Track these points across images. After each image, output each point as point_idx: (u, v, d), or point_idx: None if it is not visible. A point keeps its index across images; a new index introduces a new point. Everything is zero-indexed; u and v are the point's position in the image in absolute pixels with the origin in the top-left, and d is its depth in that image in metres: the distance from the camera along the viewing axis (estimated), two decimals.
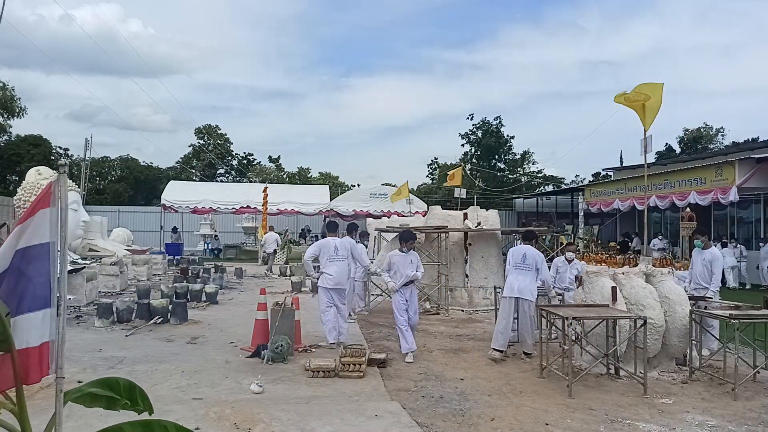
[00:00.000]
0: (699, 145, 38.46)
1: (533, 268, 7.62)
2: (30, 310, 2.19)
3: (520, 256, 7.70)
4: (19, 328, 2.17)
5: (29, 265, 2.20)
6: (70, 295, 10.37)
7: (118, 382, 2.34)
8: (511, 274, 7.76)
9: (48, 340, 2.23)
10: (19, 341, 2.15)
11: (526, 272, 7.62)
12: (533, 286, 7.60)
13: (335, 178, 45.37)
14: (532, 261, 7.63)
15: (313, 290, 13.76)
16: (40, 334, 2.21)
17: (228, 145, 47.07)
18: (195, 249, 27.90)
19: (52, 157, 34.23)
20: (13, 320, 2.15)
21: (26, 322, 2.18)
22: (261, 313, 7.71)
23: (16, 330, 2.15)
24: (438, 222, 12.21)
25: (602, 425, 5.00)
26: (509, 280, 7.76)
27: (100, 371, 6.31)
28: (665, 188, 20.21)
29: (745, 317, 6.38)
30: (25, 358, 2.17)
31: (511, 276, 7.73)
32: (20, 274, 2.19)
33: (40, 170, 13.79)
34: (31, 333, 2.19)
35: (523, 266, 7.63)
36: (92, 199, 34.28)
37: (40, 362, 2.20)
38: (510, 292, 7.60)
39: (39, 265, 2.22)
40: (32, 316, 2.20)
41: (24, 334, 2.17)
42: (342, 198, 29.07)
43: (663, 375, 6.73)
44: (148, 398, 2.36)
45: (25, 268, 2.20)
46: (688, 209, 14.18)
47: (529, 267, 7.62)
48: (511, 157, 43.35)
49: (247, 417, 4.95)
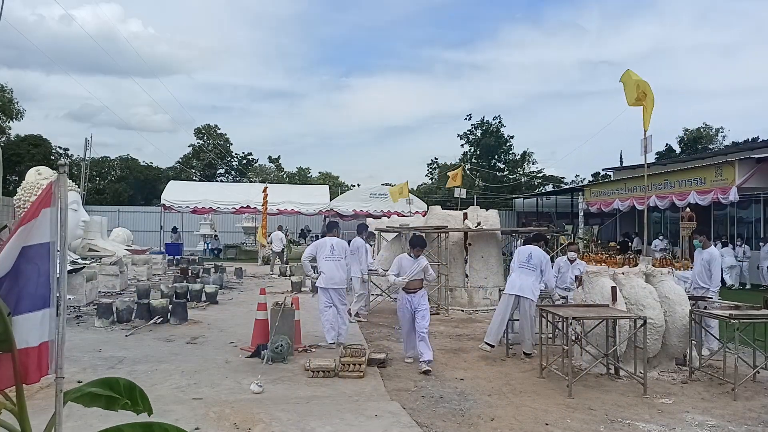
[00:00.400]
0: (699, 146, 38.47)
1: (537, 268, 7.65)
2: (30, 310, 2.19)
3: (525, 256, 7.76)
4: (19, 327, 2.17)
5: (29, 265, 2.20)
6: (70, 295, 10.37)
7: (119, 381, 2.34)
8: (514, 272, 7.81)
9: (47, 340, 2.23)
10: (19, 341, 2.15)
11: (530, 272, 7.65)
12: (535, 286, 7.61)
13: (335, 178, 45.39)
14: (537, 262, 7.67)
15: (312, 290, 13.77)
16: (39, 334, 2.21)
17: (228, 145, 47.08)
18: (195, 249, 27.89)
19: (52, 157, 34.25)
20: (12, 320, 2.15)
21: (26, 322, 2.18)
22: (261, 313, 7.70)
23: (16, 330, 2.15)
24: (438, 222, 12.21)
25: (602, 425, 5.00)
26: (512, 277, 7.81)
27: (100, 371, 6.31)
28: (665, 188, 20.21)
29: (745, 317, 6.38)
30: (25, 358, 2.17)
31: (515, 274, 7.77)
32: (20, 274, 2.19)
33: (40, 170, 13.79)
34: (30, 333, 2.19)
35: (528, 266, 7.68)
36: (92, 199, 34.29)
37: (39, 362, 2.20)
38: (511, 289, 7.64)
39: (39, 264, 2.22)
40: (32, 316, 2.20)
41: (23, 334, 2.17)
42: (342, 198, 29.07)
43: (663, 375, 6.73)
44: (147, 398, 2.36)
45: (25, 267, 2.20)
46: (688, 209, 14.18)
47: (533, 267, 7.66)
48: (511, 157, 43.39)
49: (247, 417, 4.95)
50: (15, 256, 2.19)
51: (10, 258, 2.18)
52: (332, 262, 7.97)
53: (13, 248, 2.19)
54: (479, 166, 40.48)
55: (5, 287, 2.16)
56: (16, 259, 2.18)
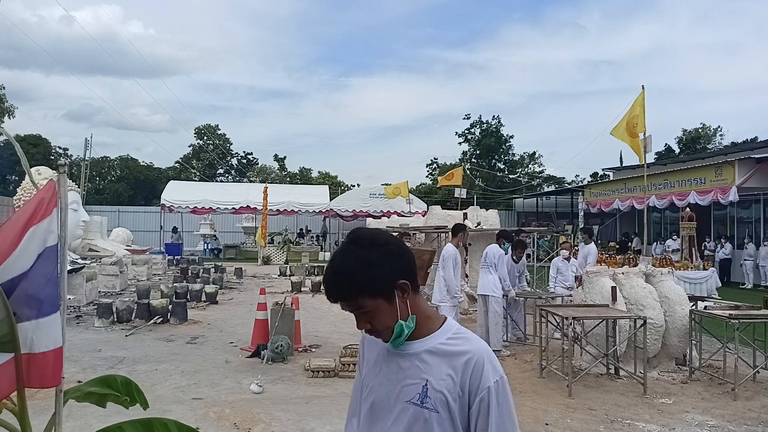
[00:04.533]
0: (698, 146, 38.49)
1: (492, 265, 7.99)
2: (50, 313, 2.16)
3: (483, 255, 8.28)
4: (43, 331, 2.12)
5: (48, 266, 2.16)
6: (70, 295, 10.37)
7: (116, 379, 2.37)
8: (479, 273, 8.33)
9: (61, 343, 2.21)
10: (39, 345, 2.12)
11: (487, 270, 8.06)
12: (495, 283, 7.91)
13: (335, 178, 45.38)
14: (491, 259, 8.07)
15: (312, 290, 13.77)
16: (56, 337, 2.19)
17: (228, 145, 47.09)
18: (195, 249, 27.90)
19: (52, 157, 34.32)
20: (35, 323, 2.11)
21: (49, 325, 2.15)
22: (261, 313, 7.70)
23: (38, 333, 2.11)
24: (438, 222, 12.22)
25: (602, 425, 5.00)
26: (479, 279, 8.30)
27: (100, 371, 6.31)
28: (665, 188, 20.22)
29: (745, 317, 6.38)
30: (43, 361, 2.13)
31: (479, 275, 8.30)
32: (41, 275, 2.14)
33: (40, 170, 13.78)
34: (49, 336, 2.16)
35: (484, 264, 8.14)
36: (92, 199, 34.32)
37: (55, 366, 2.18)
38: (478, 290, 8.19)
39: (54, 265, 2.19)
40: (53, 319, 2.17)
41: (43, 338, 2.13)
42: (342, 198, 29.07)
43: (663, 375, 6.73)
44: (142, 393, 2.40)
45: (44, 268, 2.15)
46: (688, 209, 14.18)
47: (488, 265, 8.04)
48: (510, 157, 43.42)
49: (246, 417, 4.95)
50: (34, 257, 2.13)
51: (27, 258, 2.11)
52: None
53: (32, 248, 2.14)
54: (479, 166, 40.50)
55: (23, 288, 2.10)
56: (36, 261, 2.13)
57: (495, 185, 37.49)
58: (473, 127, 42.85)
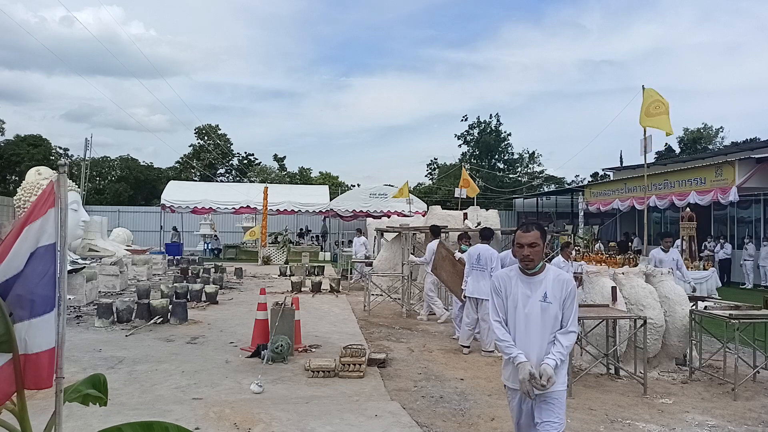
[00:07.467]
0: (699, 146, 38.48)
1: (487, 267, 7.78)
2: (43, 313, 2.16)
3: (475, 257, 7.96)
4: (36, 331, 2.13)
5: (41, 265, 2.16)
6: (70, 295, 10.38)
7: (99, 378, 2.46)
8: (470, 276, 7.97)
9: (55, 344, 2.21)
10: (32, 345, 2.12)
11: (481, 272, 7.82)
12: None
13: (335, 178, 45.38)
14: (485, 261, 7.84)
15: (312, 290, 13.77)
16: (50, 337, 2.19)
17: (228, 145, 47.08)
18: (195, 249, 27.90)
19: (52, 157, 34.31)
20: (28, 323, 2.12)
21: (42, 325, 2.15)
22: (261, 313, 7.70)
23: (31, 333, 2.12)
24: (438, 222, 12.19)
25: (602, 425, 5.00)
26: (470, 281, 7.98)
27: (100, 371, 6.27)
28: (665, 188, 20.20)
29: (745, 317, 6.38)
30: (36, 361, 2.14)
31: (470, 277, 7.95)
32: (34, 275, 2.15)
33: (40, 170, 13.80)
34: (44, 336, 2.16)
35: (478, 267, 7.87)
36: (92, 199, 34.32)
37: (50, 366, 2.18)
38: (470, 292, 7.91)
39: (49, 265, 2.19)
40: (46, 318, 2.17)
41: (37, 337, 2.14)
42: (342, 198, 29.07)
43: (663, 375, 6.73)
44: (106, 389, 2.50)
45: (37, 268, 2.16)
46: (688, 209, 14.18)
47: (482, 267, 7.82)
48: (509, 156, 43.43)
49: (247, 417, 4.95)
50: (26, 256, 2.14)
51: (20, 258, 2.13)
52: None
53: (24, 248, 2.15)
54: (478, 166, 40.49)
55: (16, 289, 2.11)
56: (28, 260, 2.14)
57: (495, 185, 37.49)
58: (472, 129, 42.87)
